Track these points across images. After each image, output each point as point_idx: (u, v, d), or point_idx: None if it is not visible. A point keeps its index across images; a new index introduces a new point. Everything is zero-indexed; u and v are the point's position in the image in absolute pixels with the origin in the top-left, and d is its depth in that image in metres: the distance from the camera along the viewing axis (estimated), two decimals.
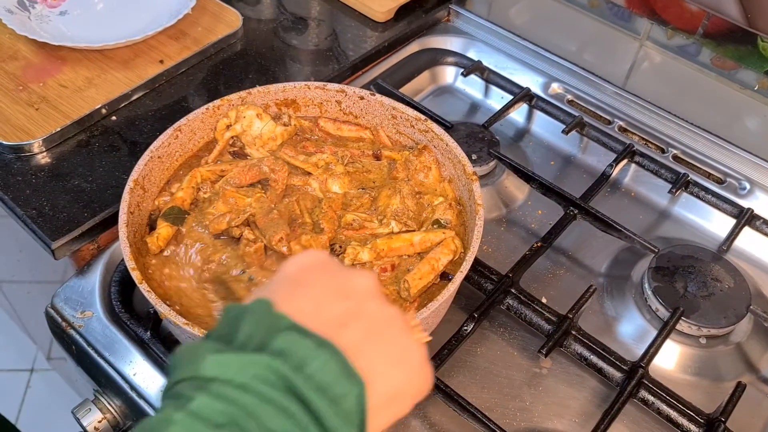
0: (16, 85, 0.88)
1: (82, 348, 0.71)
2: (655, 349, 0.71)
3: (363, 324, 0.39)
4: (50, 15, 0.97)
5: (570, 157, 0.94)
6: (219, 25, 0.98)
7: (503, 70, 1.01)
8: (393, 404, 0.39)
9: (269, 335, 0.36)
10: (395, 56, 1.03)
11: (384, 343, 0.40)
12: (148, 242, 0.67)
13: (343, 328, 0.38)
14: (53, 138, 0.83)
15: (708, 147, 0.92)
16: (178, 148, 0.75)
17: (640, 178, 0.91)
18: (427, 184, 0.75)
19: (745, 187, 0.89)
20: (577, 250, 0.83)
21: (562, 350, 0.72)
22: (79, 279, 0.75)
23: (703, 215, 0.88)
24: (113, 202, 0.77)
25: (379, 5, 1.03)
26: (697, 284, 0.77)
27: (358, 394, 0.36)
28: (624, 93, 0.97)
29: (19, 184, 0.79)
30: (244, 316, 0.38)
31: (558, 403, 0.70)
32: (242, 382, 0.34)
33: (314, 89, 0.79)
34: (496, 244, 0.83)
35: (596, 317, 0.77)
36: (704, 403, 0.68)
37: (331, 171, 0.72)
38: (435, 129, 0.75)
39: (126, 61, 0.92)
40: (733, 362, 0.75)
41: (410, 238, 0.68)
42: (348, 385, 0.36)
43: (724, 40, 0.87)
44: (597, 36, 0.98)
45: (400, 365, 0.40)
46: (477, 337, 0.74)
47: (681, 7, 0.88)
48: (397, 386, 0.40)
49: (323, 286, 0.41)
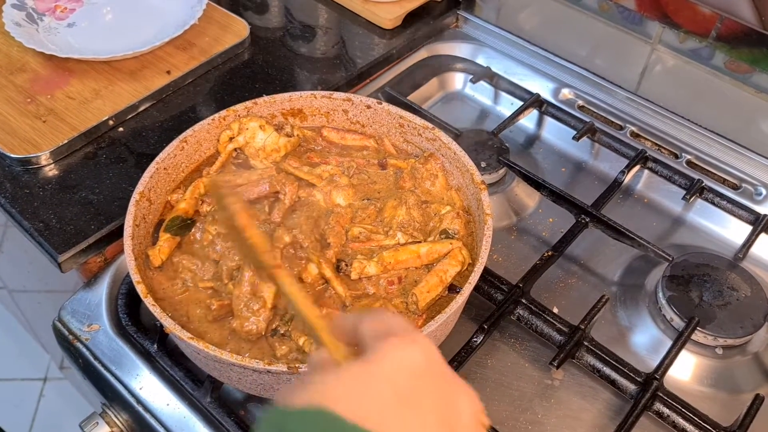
0: (24, 97, 0.88)
1: (89, 361, 0.71)
2: (669, 361, 0.69)
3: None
4: (58, 27, 0.97)
5: (581, 163, 0.93)
6: (226, 34, 0.98)
7: (512, 76, 1.00)
8: None
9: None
10: (403, 63, 1.02)
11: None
12: (149, 255, 0.66)
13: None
14: (60, 150, 0.83)
15: (723, 152, 0.90)
16: (184, 159, 0.74)
17: (653, 184, 0.89)
18: (434, 192, 0.74)
19: (761, 192, 0.87)
20: (590, 258, 0.82)
21: (575, 362, 0.71)
22: (86, 292, 0.75)
23: (718, 222, 0.86)
24: (120, 214, 0.77)
25: (386, 12, 1.02)
26: (712, 293, 0.75)
27: None
28: (636, 98, 0.96)
29: (27, 196, 0.79)
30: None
31: (570, 416, 0.69)
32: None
33: (321, 98, 0.79)
34: (506, 253, 0.82)
35: (609, 327, 0.76)
36: (721, 415, 0.67)
37: (335, 183, 0.71)
38: (443, 137, 0.74)
39: (133, 72, 0.92)
40: (751, 373, 0.73)
41: (417, 249, 0.67)
42: None
43: (738, 43, 0.85)
44: (608, 40, 0.97)
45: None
46: (487, 348, 0.73)
47: (693, 10, 0.86)
48: None
49: (427, 417, 0.35)
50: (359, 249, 0.68)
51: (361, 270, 0.65)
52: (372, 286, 0.66)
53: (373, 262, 0.65)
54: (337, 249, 0.67)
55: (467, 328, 0.71)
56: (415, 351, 0.36)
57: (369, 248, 0.68)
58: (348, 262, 0.66)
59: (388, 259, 0.66)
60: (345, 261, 0.67)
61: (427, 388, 0.35)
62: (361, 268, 0.65)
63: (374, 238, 0.69)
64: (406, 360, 0.36)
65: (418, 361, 0.36)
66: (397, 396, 0.34)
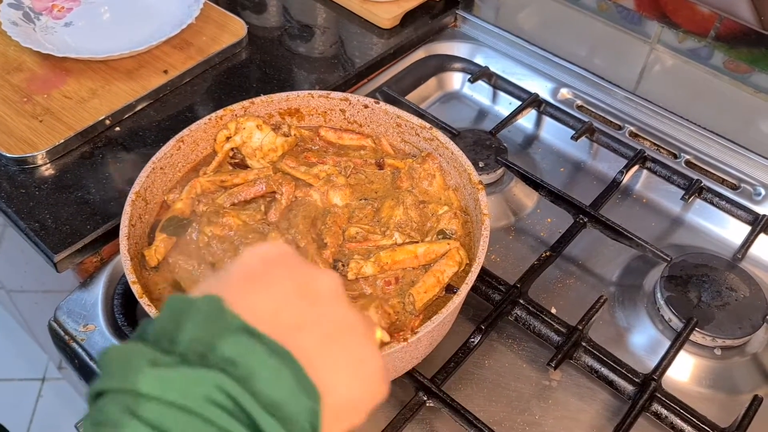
0: (20, 97, 0.88)
1: (85, 362, 0.70)
2: (668, 361, 0.69)
3: (322, 329, 0.37)
4: (55, 26, 0.97)
5: (580, 163, 0.93)
6: (224, 34, 0.98)
7: (511, 76, 1.00)
8: (347, 415, 0.37)
9: (217, 337, 0.33)
10: (401, 63, 1.02)
11: (342, 350, 0.37)
12: (145, 255, 0.66)
13: (299, 331, 0.36)
14: (57, 150, 0.82)
15: (722, 152, 0.90)
16: (180, 159, 0.74)
17: (651, 184, 0.89)
18: (432, 192, 0.73)
19: (760, 192, 0.87)
20: (588, 259, 0.82)
21: (572, 362, 0.70)
22: (82, 292, 0.75)
23: (717, 222, 0.86)
24: (116, 214, 0.76)
25: (384, 12, 1.02)
26: (711, 293, 0.75)
27: (312, 408, 0.33)
28: (635, 98, 0.95)
29: (23, 196, 0.78)
30: (190, 312, 0.34)
31: (568, 417, 0.69)
32: (182, 403, 0.30)
33: (318, 98, 0.78)
34: (504, 253, 0.82)
35: (607, 328, 0.75)
36: (719, 416, 0.66)
37: (332, 183, 0.71)
38: (440, 137, 0.74)
39: (130, 72, 0.92)
40: (749, 374, 0.73)
41: (414, 249, 0.66)
42: (302, 403, 0.33)
43: (737, 43, 0.85)
44: (606, 40, 0.96)
45: (357, 375, 0.37)
46: (485, 348, 0.72)
47: (692, 10, 0.86)
48: (353, 397, 0.37)
49: (284, 284, 0.37)
50: (356, 249, 0.68)
51: (358, 270, 0.65)
52: (369, 287, 0.65)
53: (370, 262, 0.65)
54: (334, 249, 0.67)
55: (464, 329, 0.71)
56: (269, 245, 0.40)
57: (366, 248, 0.68)
58: (345, 263, 0.66)
59: (385, 259, 0.66)
60: (342, 261, 0.67)
61: (278, 268, 0.38)
62: (358, 269, 0.65)
63: (371, 238, 0.68)
64: (258, 250, 0.39)
65: (271, 252, 0.39)
66: (245, 273, 0.37)
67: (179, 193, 0.71)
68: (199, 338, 0.33)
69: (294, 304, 0.37)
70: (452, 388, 0.69)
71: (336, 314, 0.38)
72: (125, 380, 0.31)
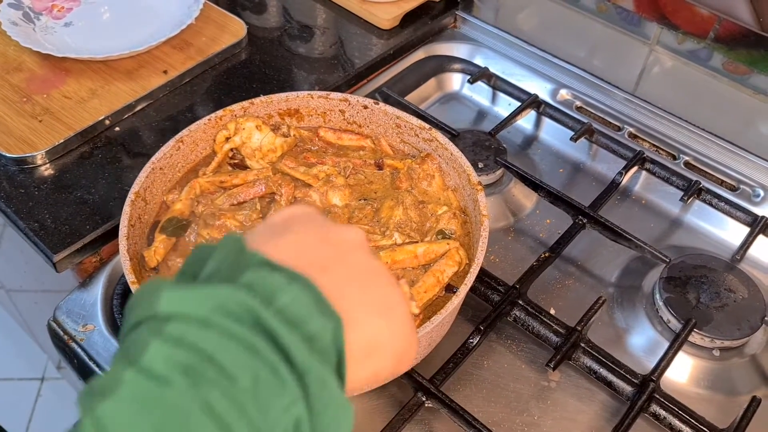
0: (20, 96, 0.88)
1: (84, 361, 0.71)
2: (666, 362, 0.69)
3: (346, 270, 0.36)
4: (55, 26, 0.97)
5: (579, 164, 0.93)
6: (223, 34, 0.98)
7: (510, 77, 1.00)
8: (373, 357, 0.35)
9: (237, 270, 0.32)
10: (401, 64, 1.02)
11: (367, 290, 0.36)
12: (145, 256, 0.66)
13: (323, 271, 0.34)
14: (56, 150, 0.82)
15: (720, 153, 0.90)
16: (180, 159, 0.74)
17: (650, 185, 0.89)
18: (431, 192, 0.74)
19: (759, 194, 0.87)
20: (587, 260, 0.82)
21: (571, 363, 0.70)
22: (81, 292, 0.75)
23: (715, 223, 0.86)
24: (116, 214, 0.77)
25: (384, 12, 1.02)
26: (709, 295, 0.75)
27: (334, 330, 0.32)
28: (634, 99, 0.96)
29: (22, 196, 0.79)
30: (212, 253, 0.34)
31: (567, 418, 0.69)
32: (202, 316, 0.30)
33: (317, 98, 0.78)
34: (503, 254, 0.82)
35: (606, 329, 0.75)
36: (718, 417, 0.66)
37: (331, 183, 0.71)
38: (439, 138, 0.74)
39: (130, 72, 0.92)
40: (748, 375, 0.73)
41: (414, 249, 0.66)
42: (323, 322, 0.31)
43: (736, 45, 0.85)
44: (606, 41, 0.97)
45: (382, 315, 0.36)
46: (483, 349, 0.72)
47: (691, 11, 0.86)
48: (379, 336, 0.35)
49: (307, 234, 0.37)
50: None
51: None
52: None
53: None
54: None
55: (463, 330, 0.71)
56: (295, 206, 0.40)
57: None
58: None
59: (384, 259, 0.66)
60: None
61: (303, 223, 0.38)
62: None
63: (371, 239, 0.68)
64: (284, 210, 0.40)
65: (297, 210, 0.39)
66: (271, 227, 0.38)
67: (179, 194, 0.71)
68: (219, 270, 0.33)
69: (318, 248, 0.36)
70: (451, 388, 0.69)
71: (361, 260, 0.37)
72: (150, 308, 0.31)
